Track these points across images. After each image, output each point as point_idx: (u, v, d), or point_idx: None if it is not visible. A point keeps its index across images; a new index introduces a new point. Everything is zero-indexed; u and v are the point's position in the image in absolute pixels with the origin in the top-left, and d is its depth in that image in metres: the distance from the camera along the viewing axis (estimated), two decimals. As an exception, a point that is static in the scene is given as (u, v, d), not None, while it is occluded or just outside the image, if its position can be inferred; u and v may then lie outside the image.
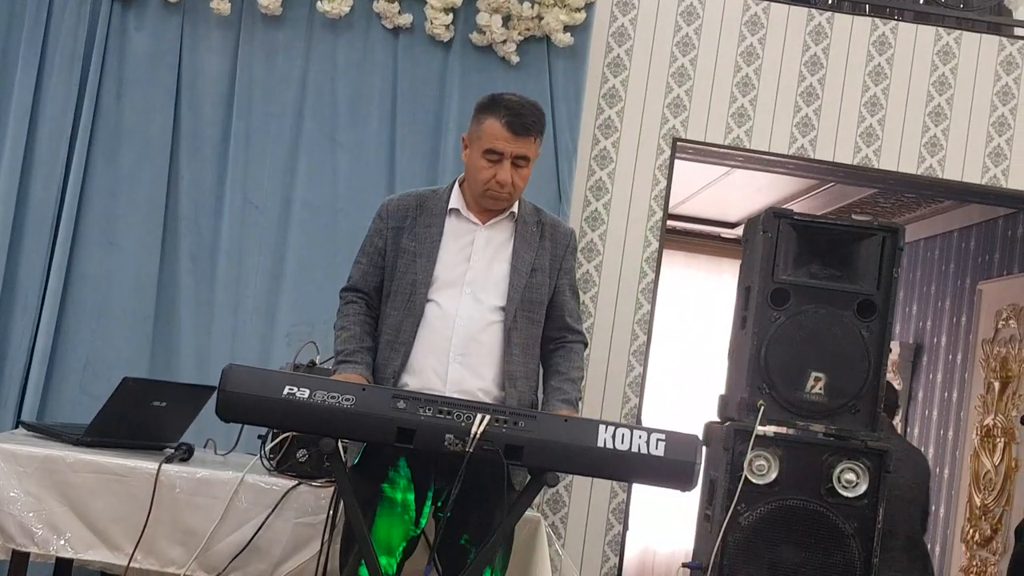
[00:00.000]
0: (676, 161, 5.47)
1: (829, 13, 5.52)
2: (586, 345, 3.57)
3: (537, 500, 4.75)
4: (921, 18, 5.67)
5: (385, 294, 3.45)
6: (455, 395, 3.20)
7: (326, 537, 3.56)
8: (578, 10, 5.07)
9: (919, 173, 5.52)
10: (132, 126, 5.01)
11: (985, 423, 6.91)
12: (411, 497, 3.26)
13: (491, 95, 3.50)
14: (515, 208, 3.44)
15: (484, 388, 3.32)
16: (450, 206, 3.44)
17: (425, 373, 3.32)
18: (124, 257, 4.97)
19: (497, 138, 3.32)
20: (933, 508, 7.48)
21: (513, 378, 3.34)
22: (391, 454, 3.14)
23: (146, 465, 3.66)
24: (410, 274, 3.39)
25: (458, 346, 3.32)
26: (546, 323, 3.46)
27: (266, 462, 3.78)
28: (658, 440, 2.91)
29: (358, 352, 3.38)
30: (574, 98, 5.16)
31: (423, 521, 3.32)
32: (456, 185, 3.49)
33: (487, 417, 2.89)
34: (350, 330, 3.44)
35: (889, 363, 4.45)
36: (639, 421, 5.27)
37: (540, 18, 5.05)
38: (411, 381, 3.32)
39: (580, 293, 3.59)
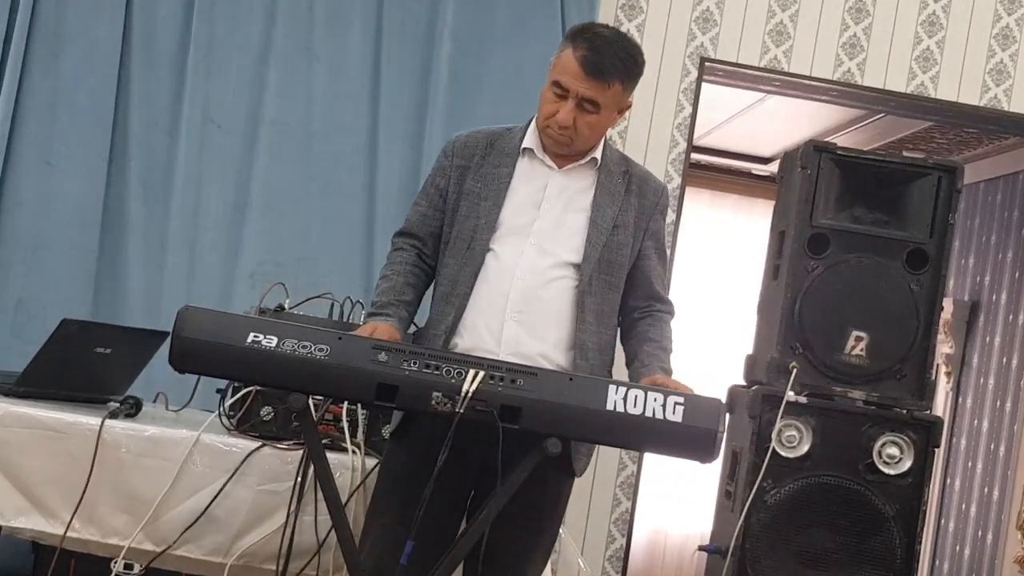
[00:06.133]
0: (703, 85, 5.45)
1: (885, -84, 5.50)
2: (674, 318, 3.51)
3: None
4: (991, -75, 5.64)
5: (444, 241, 3.44)
6: (510, 358, 3.19)
7: (293, 507, 3.58)
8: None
9: (982, 104, 5.52)
10: (75, 29, 5.00)
11: (1048, 394, 6.95)
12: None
13: (585, 24, 3.50)
14: (597, 154, 3.43)
15: (545, 353, 3.29)
16: (524, 145, 3.43)
17: (478, 331, 3.30)
18: (64, 181, 4.97)
19: (567, 71, 3.29)
20: (986, 491, 7.54)
21: (584, 348, 3.32)
22: (438, 426, 3.10)
23: (87, 420, 3.66)
24: (472, 219, 3.37)
25: (516, 302, 3.30)
26: (630, 290, 3.44)
27: (225, 420, 3.79)
28: (676, 404, 2.92)
29: (392, 305, 3.36)
30: (588, 9, 5.16)
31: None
32: (533, 122, 3.47)
33: (480, 373, 2.91)
34: (391, 280, 3.42)
35: (941, 323, 4.46)
36: (653, 383, 5.29)
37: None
38: (462, 340, 3.31)
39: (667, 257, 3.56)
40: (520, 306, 3.30)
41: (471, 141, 3.49)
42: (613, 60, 3.29)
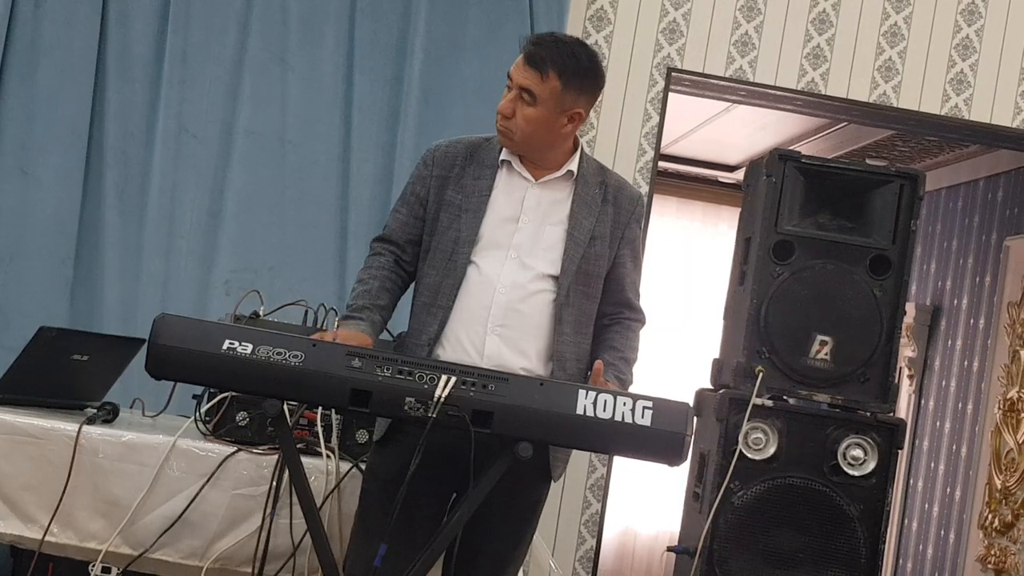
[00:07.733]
0: (670, 94, 5.47)
1: (847, -71, 5.53)
2: (643, 326, 3.55)
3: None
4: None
5: (424, 250, 3.44)
6: None
7: (268, 511, 3.58)
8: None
9: (943, 113, 5.55)
10: (51, 40, 4.98)
11: (1009, 396, 6.98)
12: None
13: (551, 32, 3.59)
14: (573, 166, 3.44)
15: (527, 367, 3.31)
16: (502, 158, 3.43)
17: (461, 344, 3.32)
18: (41, 190, 4.95)
19: (514, 64, 3.34)
20: (949, 491, 7.58)
21: (563, 359, 3.35)
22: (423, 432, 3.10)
23: (64, 426, 3.65)
24: (453, 231, 3.38)
25: (497, 316, 3.31)
26: (602, 296, 3.47)
27: (201, 425, 3.78)
28: (644, 408, 2.94)
29: (367, 309, 3.35)
30: (556, 19, 5.16)
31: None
32: None
33: (452, 379, 2.92)
34: (367, 284, 3.41)
35: (904, 327, 4.49)
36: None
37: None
38: (445, 352, 3.33)
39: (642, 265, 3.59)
40: (501, 319, 3.31)
41: (451, 151, 3.49)
42: (551, 51, 3.30)
